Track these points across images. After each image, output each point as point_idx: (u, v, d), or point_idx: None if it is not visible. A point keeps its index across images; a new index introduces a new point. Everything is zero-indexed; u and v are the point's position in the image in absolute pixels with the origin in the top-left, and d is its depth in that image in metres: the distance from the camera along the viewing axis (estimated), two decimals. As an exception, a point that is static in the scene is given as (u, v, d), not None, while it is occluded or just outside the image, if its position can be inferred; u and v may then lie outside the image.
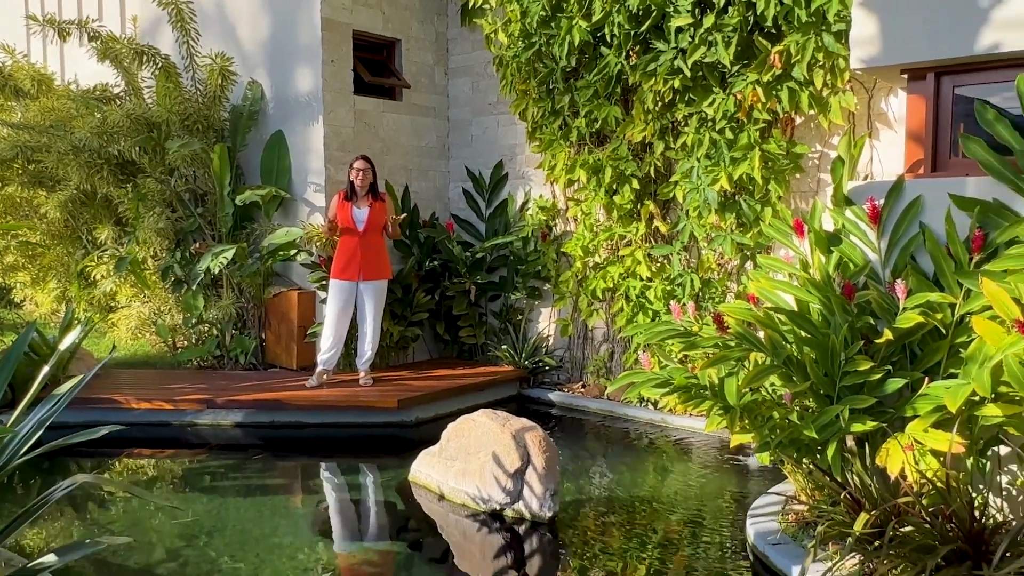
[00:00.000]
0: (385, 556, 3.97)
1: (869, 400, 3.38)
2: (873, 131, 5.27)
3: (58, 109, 7.45)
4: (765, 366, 3.59)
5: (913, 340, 3.63)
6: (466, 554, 4.00)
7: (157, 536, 4.03)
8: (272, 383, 6.39)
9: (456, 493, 4.35)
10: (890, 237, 3.79)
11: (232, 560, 3.72)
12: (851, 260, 3.87)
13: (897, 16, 3.92)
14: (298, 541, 3.99)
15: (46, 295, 8.69)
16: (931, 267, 3.69)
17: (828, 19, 4.76)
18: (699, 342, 3.76)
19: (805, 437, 3.50)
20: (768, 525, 3.80)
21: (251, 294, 7.02)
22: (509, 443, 4.12)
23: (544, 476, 4.05)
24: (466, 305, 7.22)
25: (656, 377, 3.94)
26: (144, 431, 5.85)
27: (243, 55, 7.27)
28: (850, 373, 3.47)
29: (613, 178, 6.03)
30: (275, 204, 6.98)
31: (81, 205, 7.61)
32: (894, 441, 3.26)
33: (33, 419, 2.35)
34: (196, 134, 6.93)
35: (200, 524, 4.17)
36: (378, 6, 7.11)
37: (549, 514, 4.03)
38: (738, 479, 4.91)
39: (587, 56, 6.20)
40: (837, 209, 3.95)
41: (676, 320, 3.96)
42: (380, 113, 7.22)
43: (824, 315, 3.73)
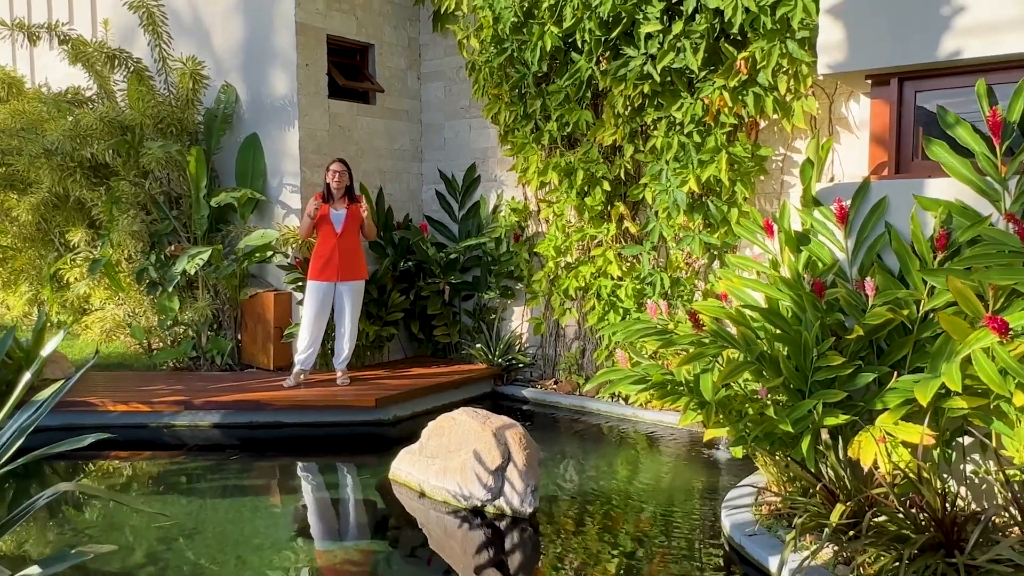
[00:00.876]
0: (367, 554, 3.87)
1: (840, 394, 3.37)
2: (834, 135, 5.29)
3: (29, 112, 7.18)
4: (740, 362, 3.56)
5: (880, 336, 3.63)
6: (449, 550, 3.91)
7: (135, 539, 3.88)
8: (249, 383, 6.22)
9: (437, 491, 4.26)
10: (857, 236, 3.79)
11: (212, 563, 3.58)
12: (820, 259, 3.87)
13: (862, 24, 3.93)
14: (279, 542, 3.87)
15: (17, 298, 8.40)
16: (897, 265, 3.70)
17: (792, 26, 4.76)
18: (675, 340, 3.72)
19: (779, 431, 3.49)
20: (742, 516, 3.78)
21: (227, 296, 6.84)
22: (490, 441, 4.04)
23: (525, 473, 3.98)
24: (440, 305, 7.12)
25: (633, 374, 3.90)
26: (121, 433, 5.64)
27: (216, 59, 7.08)
28: (822, 368, 3.46)
29: (584, 180, 5.98)
30: (250, 206, 6.81)
31: (53, 208, 7.36)
32: (866, 433, 3.26)
33: (13, 426, 2.21)
34: (170, 137, 6.74)
35: (180, 526, 4.02)
36: (351, 11, 6.97)
37: (530, 509, 3.96)
38: (709, 471, 4.90)
39: (558, 61, 6.15)
40: (806, 209, 3.95)
41: (652, 318, 3.91)
42: (354, 117, 7.09)
43: (795, 312, 3.72)
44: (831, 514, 2.97)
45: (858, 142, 5.14)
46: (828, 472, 3.26)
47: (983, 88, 3.45)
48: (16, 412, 2.15)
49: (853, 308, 3.66)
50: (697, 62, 5.18)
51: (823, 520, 3.04)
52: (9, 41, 8.81)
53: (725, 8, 4.92)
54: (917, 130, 3.96)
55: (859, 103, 5.12)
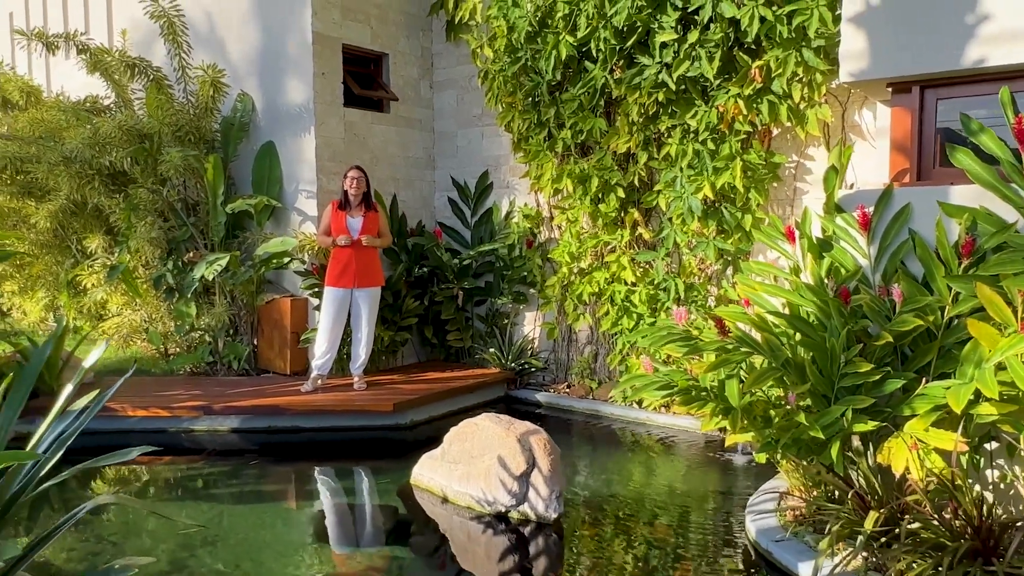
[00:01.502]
0: (391, 560, 3.78)
1: (869, 400, 3.30)
2: (846, 142, 5.23)
3: (48, 120, 7.09)
4: (766, 368, 3.49)
5: (904, 342, 3.57)
6: (473, 555, 3.83)
7: (158, 545, 3.78)
8: (267, 388, 6.14)
9: (460, 496, 4.18)
10: (880, 243, 3.73)
11: (236, 570, 3.49)
12: (842, 265, 3.80)
13: (884, 32, 3.87)
14: (303, 548, 3.79)
15: (35, 304, 8.29)
16: (920, 271, 3.64)
17: (809, 35, 4.69)
18: (701, 346, 3.64)
19: (807, 437, 3.41)
20: (767, 522, 3.70)
21: (243, 301, 6.76)
22: (514, 446, 3.96)
23: (549, 478, 3.90)
24: (454, 310, 7.05)
25: (658, 380, 3.82)
26: (141, 438, 5.56)
27: (233, 68, 7.01)
28: (849, 374, 3.39)
29: (599, 187, 5.91)
30: (266, 213, 6.73)
31: (71, 215, 7.26)
32: (897, 440, 3.18)
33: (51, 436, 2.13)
34: (188, 145, 6.66)
35: (202, 532, 3.92)
36: (367, 21, 6.91)
37: (555, 515, 3.88)
38: (726, 475, 4.82)
39: (571, 70, 6.08)
40: (828, 216, 3.88)
41: (678, 324, 3.84)
42: (369, 125, 7.01)
43: (819, 318, 3.65)
44: (865, 521, 2.89)
45: (872, 149, 5.08)
46: (859, 479, 3.18)
47: (1007, 95, 3.38)
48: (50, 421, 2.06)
49: (876, 314, 3.59)
50: (712, 70, 5.11)
51: (857, 528, 2.96)
52: (26, 51, 8.75)
53: (741, 17, 4.86)
54: (938, 137, 3.90)
55: (873, 111, 5.06)
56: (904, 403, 3.32)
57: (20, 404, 2.14)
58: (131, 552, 3.66)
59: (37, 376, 2.30)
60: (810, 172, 5.43)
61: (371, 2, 6.92)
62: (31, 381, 2.19)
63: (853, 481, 3.23)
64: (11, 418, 2.12)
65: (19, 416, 2.66)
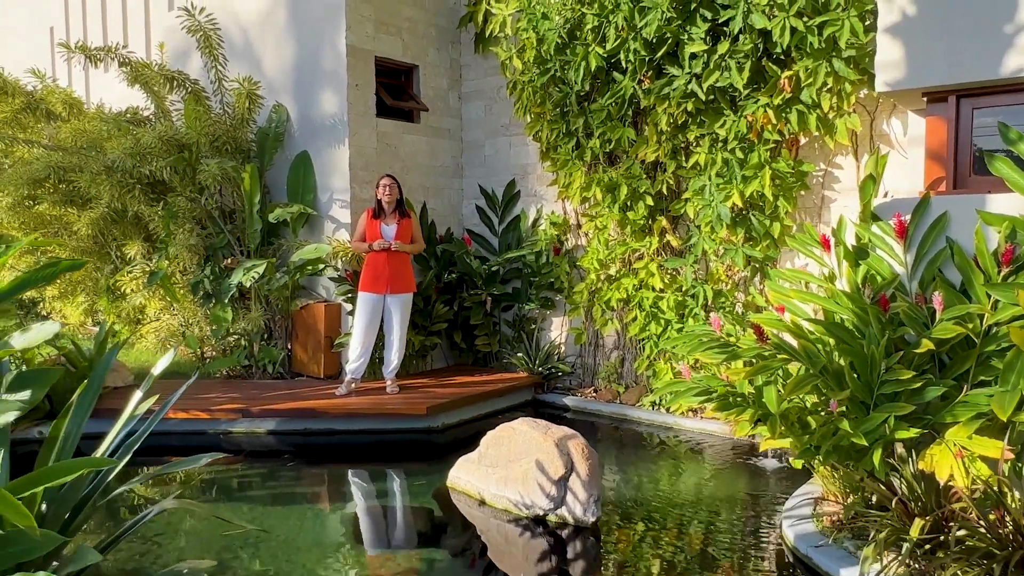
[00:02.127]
0: (430, 562, 3.75)
1: (909, 407, 3.24)
2: (875, 151, 5.17)
3: (90, 131, 7.15)
4: (805, 375, 3.44)
5: (942, 349, 3.50)
6: (511, 558, 3.79)
7: (198, 544, 3.78)
8: (302, 391, 6.14)
9: (498, 499, 4.14)
10: (917, 251, 3.67)
11: (279, 571, 3.47)
12: (879, 273, 3.75)
13: (920, 42, 3.81)
14: (343, 549, 3.77)
15: (74, 308, 8.36)
16: (957, 279, 3.58)
17: (839, 45, 4.64)
18: (740, 352, 3.60)
19: (847, 443, 3.36)
20: (805, 527, 3.64)
21: (278, 306, 6.77)
22: (552, 451, 3.93)
23: (587, 483, 3.86)
24: (482, 315, 7.02)
25: (696, 387, 3.78)
26: (181, 439, 5.58)
27: (268, 80, 7.04)
28: (889, 382, 3.33)
29: (627, 195, 5.88)
30: (301, 221, 6.74)
31: (111, 222, 7.31)
32: (940, 447, 3.12)
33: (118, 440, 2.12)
34: (225, 155, 6.69)
35: (244, 533, 3.90)
36: (398, 34, 6.92)
37: (592, 519, 3.84)
38: (758, 480, 4.76)
39: (600, 81, 6.05)
40: (864, 224, 3.82)
41: (715, 331, 3.79)
42: (400, 135, 7.02)
43: (857, 325, 3.60)
44: (910, 529, 2.83)
45: (900, 158, 5.01)
46: (901, 486, 3.12)
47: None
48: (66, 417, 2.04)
49: (914, 322, 3.53)
50: (742, 81, 5.07)
51: (901, 534, 2.90)
52: (66, 63, 8.83)
53: (772, 28, 4.81)
54: (973, 146, 3.84)
55: (902, 120, 4.99)
56: (945, 410, 3.27)
57: (88, 408, 2.13)
58: (175, 552, 3.66)
59: (100, 381, 2.29)
60: (838, 180, 5.36)
61: (403, 16, 6.93)
62: (98, 386, 2.18)
63: (895, 488, 3.17)
64: (80, 423, 2.11)
65: (51, 417, 2.64)
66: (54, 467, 1.54)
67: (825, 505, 3.81)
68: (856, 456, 3.42)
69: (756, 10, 4.89)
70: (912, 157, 4.80)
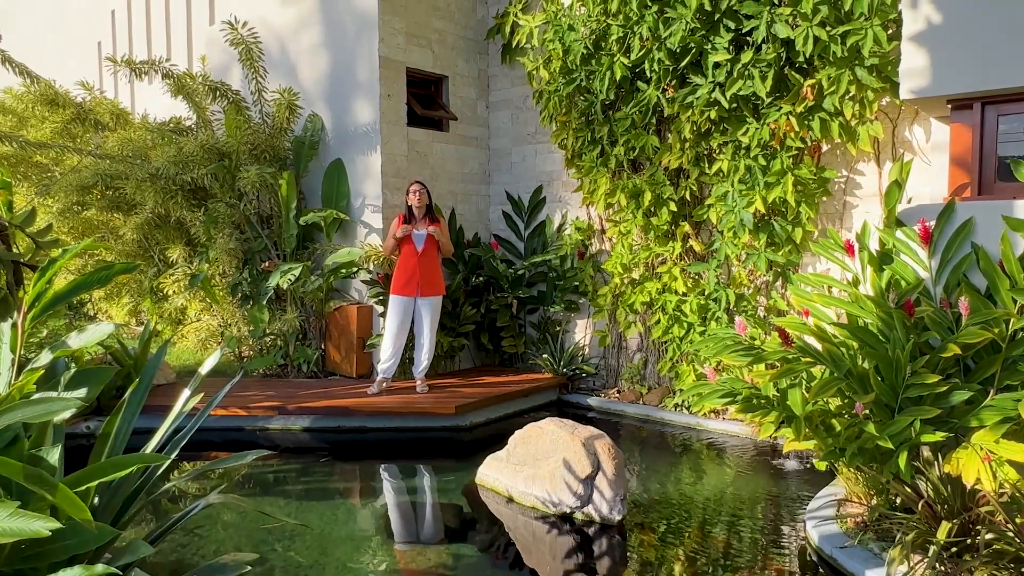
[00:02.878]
0: (458, 557, 3.73)
1: (935, 411, 3.17)
2: (897, 157, 5.07)
3: (135, 140, 7.26)
4: (830, 378, 3.37)
5: (967, 354, 3.42)
6: (539, 554, 3.76)
7: (236, 537, 3.80)
8: (335, 390, 6.17)
9: (525, 496, 4.12)
10: (941, 256, 3.59)
11: (316, 564, 3.48)
12: (903, 278, 3.67)
13: (945, 50, 3.73)
14: (376, 543, 3.76)
15: (119, 309, 8.49)
16: (983, 284, 3.49)
17: (863, 54, 4.56)
18: (765, 356, 3.54)
19: (872, 446, 3.29)
20: (829, 528, 3.57)
21: (313, 308, 6.82)
22: (579, 450, 3.90)
23: (614, 482, 3.82)
24: (508, 317, 7.01)
25: (721, 389, 3.73)
26: (221, 435, 5.63)
27: (304, 91, 7.10)
28: (914, 385, 3.26)
29: (651, 201, 5.83)
30: (335, 226, 6.78)
31: (155, 227, 7.42)
32: (966, 450, 3.04)
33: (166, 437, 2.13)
34: (263, 162, 6.75)
35: (280, 527, 3.92)
36: (428, 46, 6.94)
37: (618, 517, 3.80)
38: (781, 480, 4.68)
39: (624, 90, 6.02)
40: (888, 230, 3.75)
41: (741, 334, 3.74)
42: (429, 143, 7.04)
43: (881, 329, 3.53)
44: (937, 532, 2.76)
45: (923, 165, 4.91)
46: (927, 489, 3.04)
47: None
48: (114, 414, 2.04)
49: (939, 326, 3.45)
50: (765, 89, 5.01)
51: (928, 537, 2.84)
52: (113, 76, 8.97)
53: (795, 37, 4.75)
54: (998, 153, 3.75)
55: (925, 127, 4.90)
56: (971, 414, 3.18)
57: (139, 405, 2.15)
58: (214, 544, 3.68)
59: (151, 380, 2.31)
60: (860, 187, 5.28)
61: (433, 28, 6.95)
62: (148, 385, 2.20)
63: (921, 491, 3.09)
64: (131, 420, 2.13)
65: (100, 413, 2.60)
66: (108, 462, 1.55)
67: (849, 506, 3.74)
68: (881, 459, 3.35)
69: (779, 20, 4.83)
70: (935, 164, 4.70)
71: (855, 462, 3.35)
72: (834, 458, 3.42)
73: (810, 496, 4.13)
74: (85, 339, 1.79)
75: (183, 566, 3.46)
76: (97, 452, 1.88)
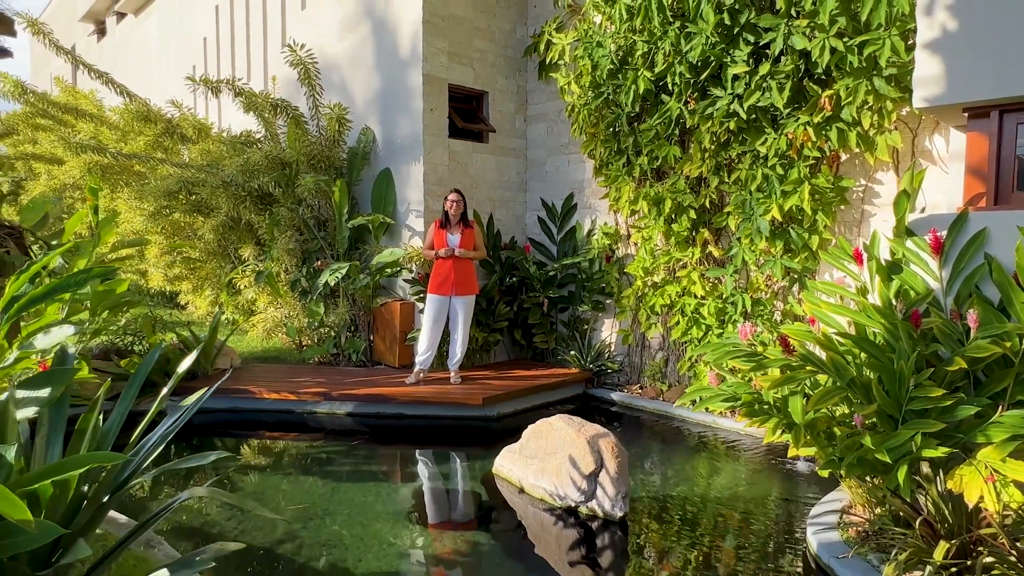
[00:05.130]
0: (472, 542, 3.55)
1: (939, 425, 2.78)
2: (917, 167, 4.60)
3: (212, 151, 7.36)
4: (832, 388, 3.02)
5: (977, 367, 3.01)
6: (545, 544, 3.54)
7: (286, 505, 3.72)
8: (378, 379, 6.07)
9: (535, 488, 3.90)
10: (953, 267, 3.18)
11: (349, 533, 3.37)
12: (912, 288, 3.27)
13: (961, 58, 3.30)
14: (398, 523, 3.62)
15: (203, 300, 8.66)
16: (996, 296, 3.07)
17: (880, 64, 4.13)
18: (766, 363, 3.21)
19: (872, 457, 2.93)
20: (829, 535, 3.22)
21: (362, 304, 6.75)
22: (584, 448, 3.65)
23: (616, 480, 3.56)
24: (540, 315, 6.78)
25: (722, 392, 3.41)
26: (273, 417, 5.61)
27: (357, 106, 7.03)
28: (918, 398, 2.88)
29: (672, 208, 5.50)
30: (382, 229, 6.69)
31: (229, 229, 7.51)
32: (969, 467, 2.66)
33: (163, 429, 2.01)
34: (319, 171, 6.72)
35: (322, 502, 3.83)
36: (470, 64, 6.76)
37: (620, 514, 3.54)
38: (789, 481, 4.31)
39: (648, 103, 5.70)
40: (898, 239, 3.35)
41: (743, 340, 3.41)
42: (470, 153, 6.86)
43: (887, 340, 3.15)
44: (934, 551, 2.41)
45: (943, 174, 4.43)
46: (928, 505, 2.67)
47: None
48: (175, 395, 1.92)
49: (948, 338, 3.05)
50: (782, 100, 4.62)
51: (924, 556, 2.48)
52: (204, 95, 9.15)
53: (812, 49, 4.34)
54: (1016, 162, 3.29)
55: (944, 137, 4.41)
56: (977, 429, 2.79)
57: (131, 401, 2.03)
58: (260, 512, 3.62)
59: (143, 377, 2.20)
60: (878, 196, 4.82)
61: (473, 47, 6.77)
62: (140, 381, 2.08)
63: (921, 506, 2.72)
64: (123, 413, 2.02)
65: (173, 393, 2.51)
66: (60, 463, 1.43)
67: (852, 514, 3.37)
68: (883, 470, 2.98)
69: (797, 32, 4.44)
70: (953, 173, 4.23)
71: (854, 473, 2.99)
72: (834, 467, 3.07)
73: (817, 499, 3.77)
74: (49, 340, 1.68)
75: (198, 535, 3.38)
76: (75, 445, 1.78)
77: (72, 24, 16.26)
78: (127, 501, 3.93)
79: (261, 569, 3.12)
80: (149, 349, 5.71)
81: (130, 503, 3.90)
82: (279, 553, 3.27)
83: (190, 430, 5.26)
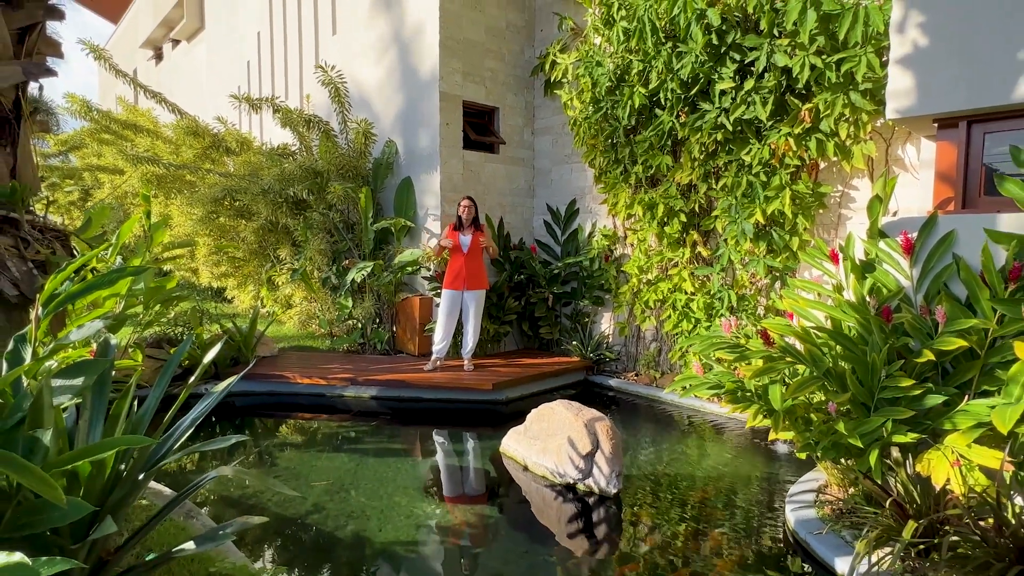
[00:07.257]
0: (481, 514, 3.50)
1: (908, 412, 2.69)
2: (890, 174, 4.47)
3: (253, 162, 7.36)
4: (808, 377, 2.94)
5: (944, 360, 2.91)
6: (547, 516, 3.49)
7: (319, 477, 3.71)
8: (399, 366, 6.04)
9: (537, 466, 3.85)
10: (923, 266, 3.07)
11: (370, 501, 3.34)
12: (884, 285, 3.17)
13: (931, 71, 3.18)
14: (416, 496, 3.58)
15: (246, 295, 8.70)
16: (963, 293, 2.96)
17: (856, 79, 4.01)
18: (749, 354, 3.13)
19: (846, 442, 2.84)
20: (806, 512, 3.13)
21: (385, 298, 6.72)
22: (582, 430, 3.59)
23: (610, 459, 3.49)
24: (545, 309, 6.71)
25: (708, 381, 3.33)
26: (306, 399, 5.60)
27: (381, 121, 6.99)
28: (889, 387, 2.78)
29: (664, 213, 5.40)
30: (404, 232, 6.65)
31: (268, 232, 7.51)
32: (937, 452, 2.56)
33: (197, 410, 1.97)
34: (347, 180, 6.69)
35: (351, 475, 3.81)
36: (482, 82, 6.69)
37: (614, 490, 3.48)
38: (770, 461, 4.22)
39: (643, 116, 5.60)
40: (872, 240, 3.25)
41: (726, 333, 3.33)
42: (482, 163, 6.80)
43: (860, 333, 3.05)
44: (903, 530, 2.32)
45: (914, 180, 4.30)
46: (897, 487, 2.58)
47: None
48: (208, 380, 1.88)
49: (918, 332, 2.95)
50: (765, 113, 4.50)
51: (893, 535, 2.39)
52: (248, 112, 9.14)
53: (793, 66, 4.23)
54: (983, 169, 3.17)
55: (916, 146, 4.28)
56: (945, 417, 2.69)
57: (164, 387, 2.00)
58: (299, 482, 3.60)
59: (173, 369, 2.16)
60: (854, 200, 4.70)
61: (486, 67, 6.70)
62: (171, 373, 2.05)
63: (891, 488, 2.63)
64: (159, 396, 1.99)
65: (215, 378, 2.43)
66: (93, 445, 1.40)
67: (827, 494, 3.28)
68: (856, 454, 2.89)
69: (779, 50, 4.32)
70: (924, 179, 4.09)
71: (829, 456, 2.90)
72: (810, 450, 2.99)
73: (794, 480, 3.68)
74: (83, 333, 1.65)
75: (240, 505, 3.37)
76: (109, 429, 1.75)
77: (134, 50, 16.40)
78: (178, 477, 3.94)
79: (294, 533, 3.11)
80: (196, 338, 5.73)
81: (180, 478, 3.90)
82: (308, 523, 3.24)
83: (233, 411, 5.26)
